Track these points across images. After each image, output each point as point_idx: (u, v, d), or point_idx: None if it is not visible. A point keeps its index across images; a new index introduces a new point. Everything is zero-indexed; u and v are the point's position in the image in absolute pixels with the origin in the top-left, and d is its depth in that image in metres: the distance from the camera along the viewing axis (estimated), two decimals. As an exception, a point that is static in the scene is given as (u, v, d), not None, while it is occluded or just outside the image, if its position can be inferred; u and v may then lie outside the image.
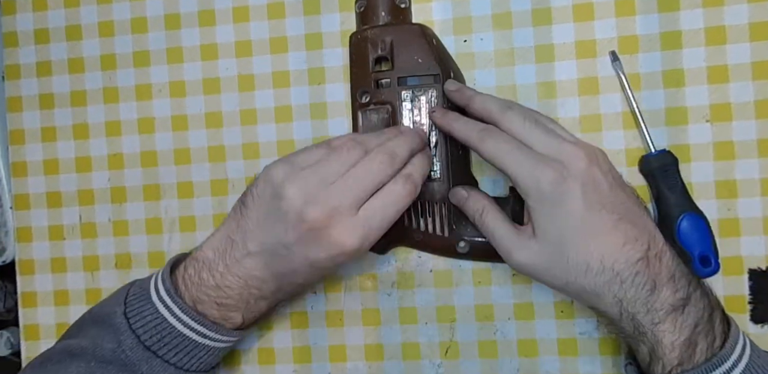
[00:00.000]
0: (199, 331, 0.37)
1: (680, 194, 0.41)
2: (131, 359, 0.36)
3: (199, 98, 0.49)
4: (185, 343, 0.37)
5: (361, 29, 0.44)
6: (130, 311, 0.37)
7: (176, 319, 0.37)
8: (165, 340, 0.37)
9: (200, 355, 0.38)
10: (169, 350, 0.37)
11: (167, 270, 0.39)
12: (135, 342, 0.36)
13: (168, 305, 0.37)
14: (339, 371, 0.46)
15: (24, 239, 0.51)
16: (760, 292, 0.42)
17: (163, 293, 0.37)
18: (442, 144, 0.42)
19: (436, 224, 0.43)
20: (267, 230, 0.36)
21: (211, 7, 0.48)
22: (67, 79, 0.50)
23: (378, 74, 0.43)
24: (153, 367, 0.36)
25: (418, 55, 0.42)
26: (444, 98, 0.42)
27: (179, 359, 0.37)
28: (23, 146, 0.51)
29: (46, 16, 0.51)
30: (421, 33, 0.43)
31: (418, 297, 0.45)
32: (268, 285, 0.37)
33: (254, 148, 0.48)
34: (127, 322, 0.37)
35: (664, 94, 0.43)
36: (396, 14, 0.44)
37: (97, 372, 0.36)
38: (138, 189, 0.49)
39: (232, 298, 0.37)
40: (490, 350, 0.44)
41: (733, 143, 0.42)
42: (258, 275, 0.37)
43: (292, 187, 0.35)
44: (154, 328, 0.36)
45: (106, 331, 0.37)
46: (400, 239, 0.44)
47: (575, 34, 0.44)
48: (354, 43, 0.44)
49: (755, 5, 0.42)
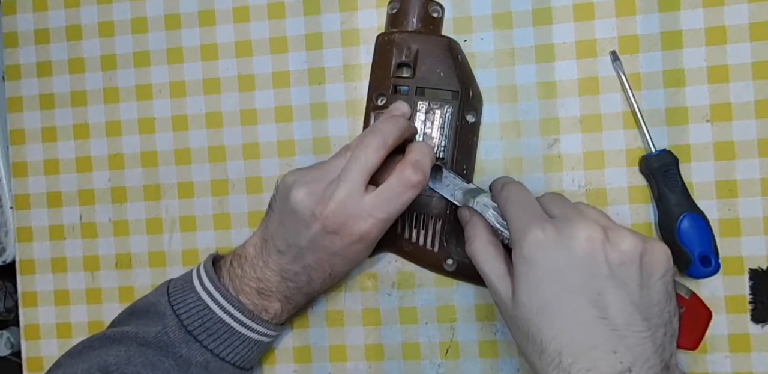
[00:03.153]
0: (238, 319, 0.39)
1: (680, 194, 0.41)
2: (173, 340, 0.38)
3: (200, 98, 0.49)
4: (224, 329, 0.39)
5: (389, 31, 0.44)
6: (174, 299, 0.40)
7: (218, 306, 0.39)
8: (206, 325, 0.39)
9: (236, 344, 0.39)
10: (209, 335, 0.39)
11: (209, 262, 0.41)
12: (178, 325, 0.39)
13: (210, 292, 0.39)
14: (339, 371, 0.46)
15: (24, 239, 0.51)
16: (761, 292, 0.42)
17: (206, 282, 0.40)
18: (447, 161, 0.42)
19: (428, 238, 0.43)
20: (288, 230, 0.38)
21: (211, 7, 0.48)
22: (68, 80, 0.50)
23: (398, 80, 0.43)
24: (191, 350, 0.38)
25: (441, 68, 0.42)
26: (459, 115, 0.42)
27: (216, 346, 0.39)
28: (23, 146, 0.51)
29: (46, 16, 0.51)
30: (448, 47, 0.43)
31: (418, 297, 0.45)
32: (301, 277, 0.40)
33: (254, 148, 0.48)
34: (172, 308, 0.39)
35: (664, 94, 0.43)
36: (427, 23, 0.44)
37: (136, 355, 0.38)
38: (138, 189, 0.49)
39: (271, 290, 0.40)
40: (491, 350, 0.44)
41: (733, 143, 0.42)
42: (290, 269, 0.39)
43: (301, 189, 0.37)
44: (197, 314, 0.39)
45: (151, 318, 0.40)
46: (389, 246, 0.45)
47: (575, 34, 0.44)
48: (380, 44, 0.43)
49: (755, 5, 0.42)
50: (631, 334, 0.30)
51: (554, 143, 0.44)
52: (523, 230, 0.33)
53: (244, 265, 0.40)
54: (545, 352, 0.31)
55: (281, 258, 0.39)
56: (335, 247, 0.38)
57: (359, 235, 0.37)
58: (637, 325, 0.30)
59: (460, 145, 0.43)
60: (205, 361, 0.39)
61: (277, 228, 0.39)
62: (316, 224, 0.36)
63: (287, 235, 0.38)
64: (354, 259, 0.40)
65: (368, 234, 0.37)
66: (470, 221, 0.39)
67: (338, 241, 0.37)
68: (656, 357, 0.30)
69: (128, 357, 0.38)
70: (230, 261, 0.41)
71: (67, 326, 0.42)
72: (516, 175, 0.44)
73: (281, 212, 0.39)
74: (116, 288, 0.49)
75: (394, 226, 0.43)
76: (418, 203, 0.42)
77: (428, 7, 0.43)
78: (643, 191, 0.43)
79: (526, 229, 0.33)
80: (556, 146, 0.44)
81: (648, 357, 0.30)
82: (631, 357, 0.29)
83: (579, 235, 0.31)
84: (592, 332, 0.30)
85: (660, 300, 0.31)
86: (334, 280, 0.41)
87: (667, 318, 0.31)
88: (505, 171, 0.45)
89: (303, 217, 0.37)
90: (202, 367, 0.39)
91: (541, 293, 0.31)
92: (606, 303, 0.30)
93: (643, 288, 0.31)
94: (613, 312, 0.30)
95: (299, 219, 0.37)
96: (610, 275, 0.31)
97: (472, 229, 0.38)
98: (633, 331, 0.30)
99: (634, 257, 0.31)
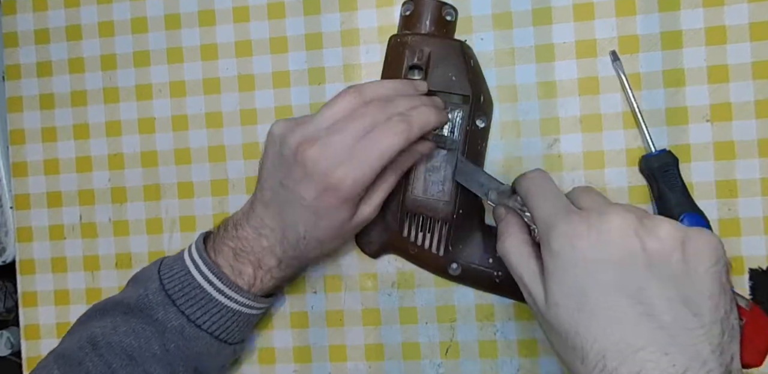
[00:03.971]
0: (215, 285, 0.39)
1: (681, 194, 0.41)
2: (152, 302, 0.39)
3: (200, 98, 0.49)
4: (201, 295, 0.39)
5: (402, 33, 0.44)
6: (164, 267, 0.41)
7: (199, 272, 0.40)
8: (185, 290, 0.39)
9: (213, 311, 0.40)
10: (187, 300, 0.39)
11: (202, 236, 0.42)
12: (158, 288, 0.39)
13: (195, 259, 0.40)
14: (339, 371, 0.46)
15: (24, 239, 0.51)
16: (761, 292, 0.42)
17: (194, 251, 0.41)
18: (456, 166, 0.42)
19: (433, 242, 0.43)
20: (274, 177, 0.39)
21: (211, 7, 0.48)
22: (68, 80, 0.50)
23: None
24: (168, 313, 0.39)
25: (453, 72, 0.42)
26: (469, 119, 0.42)
27: (193, 311, 0.39)
28: (23, 146, 0.51)
29: (46, 16, 0.51)
30: (460, 51, 0.42)
31: (418, 297, 0.45)
32: (276, 234, 0.39)
33: (254, 148, 0.48)
34: (158, 274, 0.40)
35: (664, 94, 0.43)
36: (440, 26, 0.43)
37: (121, 324, 0.39)
38: (138, 189, 0.49)
39: (245, 250, 0.40)
40: (491, 350, 0.44)
41: (733, 143, 0.42)
42: (268, 224, 0.39)
43: (293, 135, 0.37)
44: (177, 278, 0.40)
45: (140, 284, 0.41)
46: (394, 248, 0.45)
47: (575, 34, 0.44)
48: (392, 46, 0.43)
49: (755, 5, 0.42)
50: (681, 332, 0.27)
51: (554, 143, 0.44)
52: (550, 223, 0.30)
53: (228, 226, 0.41)
54: (587, 357, 0.28)
55: (264, 212, 0.39)
56: (309, 197, 0.37)
57: (330, 183, 0.36)
58: (688, 322, 0.27)
59: (470, 149, 0.43)
60: (180, 326, 0.39)
61: (266, 180, 0.39)
62: (297, 167, 0.36)
63: (273, 185, 0.38)
64: (328, 221, 0.38)
65: (340, 183, 0.36)
66: (504, 218, 0.37)
67: (311, 190, 0.36)
68: (714, 360, 0.26)
69: (114, 326, 0.39)
70: (219, 226, 0.42)
71: (67, 326, 0.42)
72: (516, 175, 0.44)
73: (271, 162, 0.39)
74: (116, 288, 0.49)
75: (399, 229, 0.43)
76: (425, 207, 0.42)
77: (442, 10, 0.43)
78: (643, 191, 0.43)
79: (552, 221, 0.30)
80: (556, 145, 0.44)
81: (705, 360, 0.26)
82: (684, 359, 0.26)
83: (611, 224, 0.28)
84: (637, 331, 0.27)
85: (712, 294, 0.28)
86: (309, 247, 0.40)
87: (723, 315, 0.27)
88: (505, 171, 0.45)
89: (287, 160, 0.37)
90: (177, 332, 0.39)
91: (575, 291, 0.28)
92: (649, 298, 0.27)
93: (690, 279, 0.28)
94: (659, 308, 0.27)
95: (285, 163, 0.37)
96: (650, 266, 0.28)
97: (506, 226, 0.36)
98: (684, 329, 0.27)
99: (675, 244, 0.28)
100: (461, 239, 0.43)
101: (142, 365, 0.39)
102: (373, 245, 0.45)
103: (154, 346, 0.39)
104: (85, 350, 0.39)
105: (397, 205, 0.43)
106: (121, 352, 0.38)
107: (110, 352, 0.38)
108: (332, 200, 0.37)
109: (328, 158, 0.36)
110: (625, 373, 0.26)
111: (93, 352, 0.39)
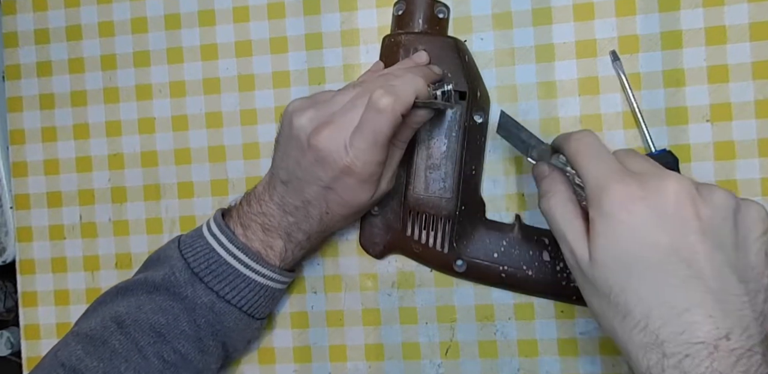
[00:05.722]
0: (242, 260, 0.40)
1: (680, 194, 0.41)
2: (179, 281, 0.39)
3: (199, 98, 0.49)
4: (229, 271, 0.39)
5: (395, 33, 0.44)
6: (184, 246, 0.41)
7: (223, 249, 0.40)
8: (212, 267, 0.39)
9: (241, 286, 0.40)
10: (214, 277, 0.39)
11: (219, 212, 0.42)
12: (184, 267, 0.40)
13: (217, 236, 0.40)
14: (339, 371, 0.46)
15: (24, 239, 0.51)
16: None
17: (214, 227, 0.41)
18: (456, 162, 0.42)
19: (437, 239, 0.43)
20: (289, 157, 0.39)
21: (211, 7, 0.48)
22: (68, 79, 0.50)
23: None
24: (197, 291, 0.39)
25: (449, 69, 0.42)
26: (467, 115, 0.42)
27: (222, 288, 0.39)
28: (23, 146, 0.51)
29: (46, 16, 0.51)
30: (455, 47, 0.43)
31: (418, 297, 0.45)
32: (300, 212, 0.40)
33: (254, 148, 0.48)
34: (180, 253, 0.40)
35: (664, 94, 0.43)
36: (433, 24, 0.44)
37: (146, 303, 0.39)
38: (138, 189, 0.49)
39: (273, 225, 0.40)
40: (491, 350, 0.44)
41: (733, 143, 0.42)
42: (291, 202, 0.39)
43: (303, 115, 0.37)
44: (203, 256, 0.40)
45: (161, 264, 0.41)
46: (398, 248, 0.45)
47: (575, 34, 0.44)
48: (386, 46, 0.44)
49: (755, 5, 0.42)
50: (727, 298, 0.27)
51: (554, 143, 0.44)
52: (603, 184, 0.30)
53: (251, 201, 0.41)
54: (630, 315, 0.29)
55: (285, 190, 0.39)
56: (326, 179, 0.37)
57: (342, 166, 0.36)
58: (734, 288, 0.28)
59: (469, 145, 0.43)
60: (210, 302, 0.39)
61: (282, 159, 0.39)
62: (309, 151, 0.37)
63: (289, 164, 0.39)
64: (350, 199, 0.39)
65: (352, 166, 0.36)
66: (549, 175, 0.36)
67: (327, 172, 0.37)
68: (756, 326, 0.27)
69: (139, 305, 0.39)
70: (241, 201, 0.42)
71: (67, 326, 0.42)
72: (516, 175, 0.44)
73: (285, 141, 0.39)
74: (116, 287, 0.49)
75: (403, 228, 0.43)
76: (427, 204, 0.42)
77: (434, 8, 0.43)
78: (643, 191, 0.43)
79: (605, 183, 0.30)
80: (556, 145, 0.44)
81: (747, 325, 0.27)
82: (728, 323, 0.27)
83: (667, 189, 0.29)
84: (685, 293, 0.28)
85: (759, 263, 0.29)
86: (333, 221, 0.40)
87: (767, 284, 0.29)
88: (505, 171, 0.45)
89: (300, 143, 0.37)
90: (207, 308, 0.39)
91: (626, 252, 0.29)
92: (699, 262, 0.28)
93: (740, 247, 0.29)
94: (708, 273, 0.28)
95: (298, 145, 0.38)
96: (702, 231, 0.28)
97: (550, 184, 0.35)
98: (730, 294, 0.28)
99: (728, 213, 0.29)
100: (465, 236, 0.43)
101: (171, 342, 0.39)
102: (377, 246, 0.45)
103: (183, 323, 0.39)
104: (110, 329, 0.39)
105: (399, 204, 0.43)
106: (149, 329, 0.39)
107: (137, 330, 0.39)
108: (350, 181, 0.37)
109: (338, 143, 0.36)
110: (667, 333, 0.27)
111: (118, 331, 0.39)
